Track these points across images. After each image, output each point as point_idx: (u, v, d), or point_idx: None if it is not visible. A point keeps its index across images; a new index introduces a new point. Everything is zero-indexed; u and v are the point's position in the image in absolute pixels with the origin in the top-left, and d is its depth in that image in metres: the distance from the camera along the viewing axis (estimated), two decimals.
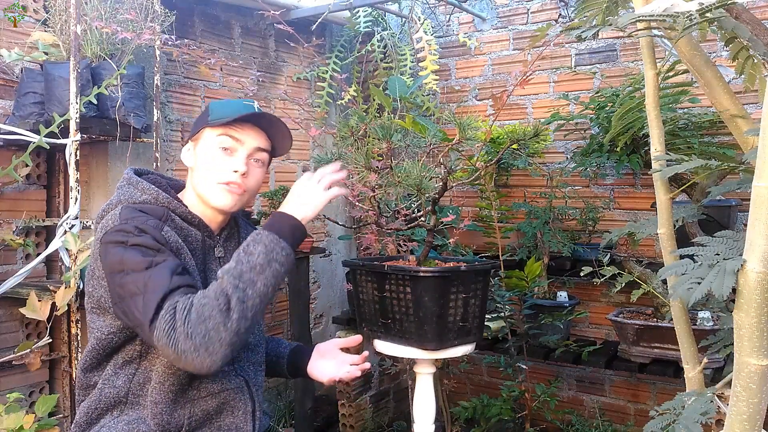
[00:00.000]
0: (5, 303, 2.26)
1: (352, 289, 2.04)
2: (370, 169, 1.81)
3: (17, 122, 2.18)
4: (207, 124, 1.39)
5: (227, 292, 1.17)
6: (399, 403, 3.30)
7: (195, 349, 1.13)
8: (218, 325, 1.14)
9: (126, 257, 1.22)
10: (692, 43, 1.10)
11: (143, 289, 1.19)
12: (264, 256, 1.22)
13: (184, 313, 1.14)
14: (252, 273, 1.20)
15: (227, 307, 1.15)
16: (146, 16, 2.35)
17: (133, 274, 1.21)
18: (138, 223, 1.26)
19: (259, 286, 1.20)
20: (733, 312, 0.83)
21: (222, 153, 1.37)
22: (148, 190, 1.36)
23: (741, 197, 2.50)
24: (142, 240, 1.23)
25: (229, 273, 1.20)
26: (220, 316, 1.14)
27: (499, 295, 2.59)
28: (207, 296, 1.17)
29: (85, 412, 1.34)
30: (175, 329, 1.13)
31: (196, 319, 1.13)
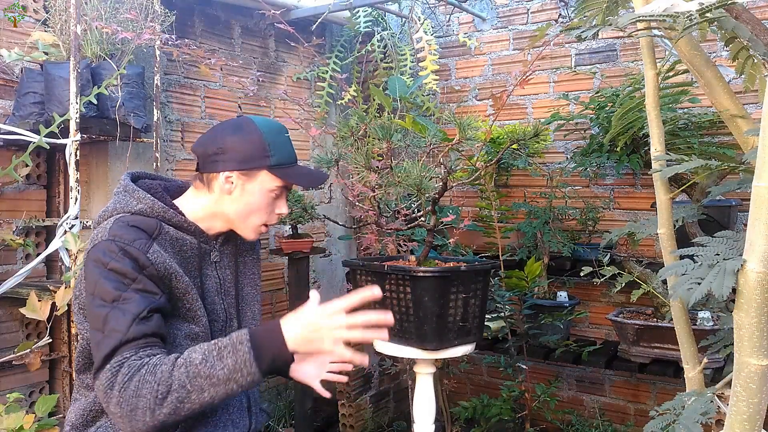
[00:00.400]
0: (5, 303, 2.26)
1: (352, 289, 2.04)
2: (370, 169, 1.81)
3: (17, 122, 2.18)
4: (269, 168, 1.35)
5: (171, 386, 1.12)
6: (399, 403, 3.30)
7: (121, 416, 1.13)
8: (147, 409, 1.12)
9: (99, 282, 1.21)
10: (692, 43, 1.10)
11: (102, 327, 1.18)
12: (227, 373, 1.14)
13: (125, 378, 1.13)
14: (206, 382, 1.13)
15: (163, 398, 1.12)
16: (146, 16, 2.35)
17: (99, 303, 1.20)
18: (125, 242, 1.23)
19: (205, 396, 1.14)
20: (733, 312, 0.83)
21: (273, 197, 1.39)
22: (143, 200, 1.33)
23: (741, 197, 2.50)
24: (121, 265, 1.21)
25: (187, 367, 1.14)
26: (153, 402, 1.12)
27: (499, 295, 2.59)
28: (154, 374, 1.13)
29: (81, 413, 1.33)
30: (112, 389, 1.13)
31: (132, 392, 1.12)
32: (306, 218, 2.60)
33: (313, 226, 3.30)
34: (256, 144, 1.34)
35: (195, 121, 2.85)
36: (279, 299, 3.24)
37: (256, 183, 1.36)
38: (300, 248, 2.72)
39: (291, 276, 2.80)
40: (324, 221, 3.38)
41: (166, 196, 1.39)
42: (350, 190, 2.18)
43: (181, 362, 1.15)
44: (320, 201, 3.51)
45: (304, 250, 2.73)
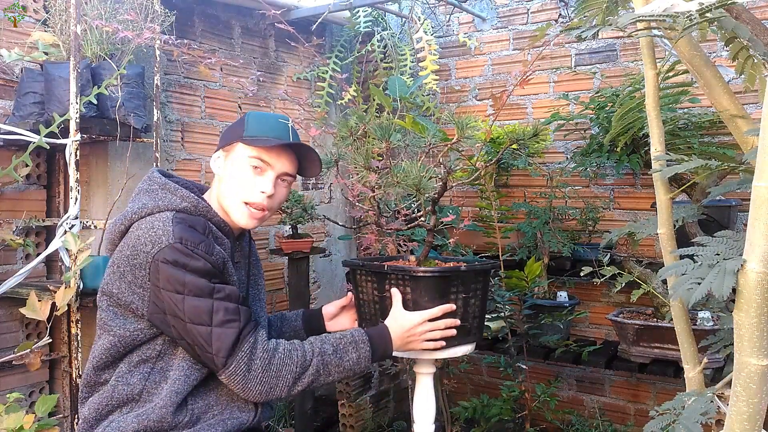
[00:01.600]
0: (5, 303, 2.26)
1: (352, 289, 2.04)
2: (370, 169, 1.81)
3: (17, 122, 2.18)
4: (241, 140, 1.40)
5: (308, 368, 1.34)
6: (399, 403, 3.30)
7: (260, 393, 1.31)
8: (286, 386, 1.32)
9: (187, 280, 1.26)
10: (692, 43, 1.10)
11: (210, 321, 1.26)
12: (351, 364, 1.40)
13: (265, 358, 1.30)
14: (334, 368, 1.38)
15: (299, 378, 1.33)
16: (146, 16, 2.35)
17: (196, 299, 1.26)
18: (193, 245, 1.28)
19: (330, 379, 1.38)
20: (733, 312, 0.83)
21: (252, 171, 1.41)
22: (187, 198, 1.37)
23: (741, 197, 2.50)
24: (201, 265, 1.28)
25: (321, 356, 1.36)
26: (292, 381, 1.33)
27: (499, 295, 2.59)
28: (291, 358, 1.33)
29: (96, 408, 1.34)
30: (250, 371, 1.29)
31: (275, 372, 1.31)
32: (306, 218, 2.60)
33: (313, 226, 3.30)
34: (238, 124, 1.45)
35: (195, 121, 2.85)
36: (279, 299, 3.24)
37: (233, 155, 1.43)
38: (300, 248, 2.72)
39: (291, 276, 2.80)
40: (324, 221, 3.38)
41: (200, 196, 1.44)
42: (350, 190, 2.18)
43: (316, 351, 1.36)
44: (320, 201, 3.51)
45: (304, 250, 2.73)
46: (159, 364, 1.34)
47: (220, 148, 1.47)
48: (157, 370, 1.33)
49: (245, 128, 1.41)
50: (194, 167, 2.85)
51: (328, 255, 3.27)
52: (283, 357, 1.32)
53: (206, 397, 1.37)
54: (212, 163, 1.47)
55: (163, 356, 1.34)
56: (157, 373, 1.33)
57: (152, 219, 1.31)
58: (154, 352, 1.34)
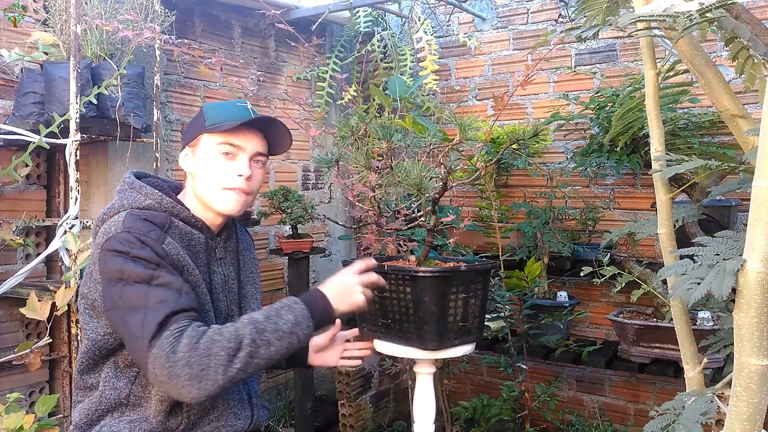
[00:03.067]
0: (5, 303, 2.26)
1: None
2: (370, 169, 1.81)
3: (17, 122, 2.18)
4: (205, 130, 1.38)
5: (242, 341, 1.18)
6: (399, 403, 3.30)
7: (189, 378, 1.14)
8: (220, 365, 1.15)
9: (126, 267, 1.22)
10: (693, 42, 1.10)
11: (144, 304, 1.19)
12: (290, 326, 1.25)
13: (192, 340, 1.15)
14: (273, 335, 1.22)
15: (235, 354, 1.17)
16: (146, 16, 2.35)
17: (134, 285, 1.21)
18: (140, 233, 1.25)
19: (272, 350, 1.22)
20: (733, 312, 0.83)
21: (224, 158, 1.37)
22: (151, 195, 1.35)
23: (741, 197, 2.50)
24: (144, 253, 1.23)
25: (253, 324, 1.22)
26: (226, 358, 1.16)
27: (499, 295, 2.59)
28: (221, 334, 1.18)
29: (86, 413, 1.34)
30: (176, 352, 1.14)
31: (203, 352, 1.15)
32: (306, 218, 2.60)
33: (313, 226, 3.30)
34: (197, 117, 1.42)
35: None
36: (279, 299, 3.24)
37: (201, 148, 1.39)
38: (300, 248, 2.71)
39: (291, 276, 2.80)
40: (324, 221, 3.38)
41: (170, 192, 1.42)
42: (350, 190, 2.18)
43: (246, 321, 1.23)
44: (320, 201, 3.51)
45: (304, 250, 2.73)
46: None
47: (185, 145, 1.44)
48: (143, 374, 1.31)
49: (206, 119, 1.38)
50: None
51: (328, 255, 3.27)
52: (212, 335, 1.17)
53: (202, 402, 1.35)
54: (181, 162, 1.44)
55: None
56: (143, 377, 1.31)
57: (115, 217, 1.31)
58: None
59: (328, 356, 1.71)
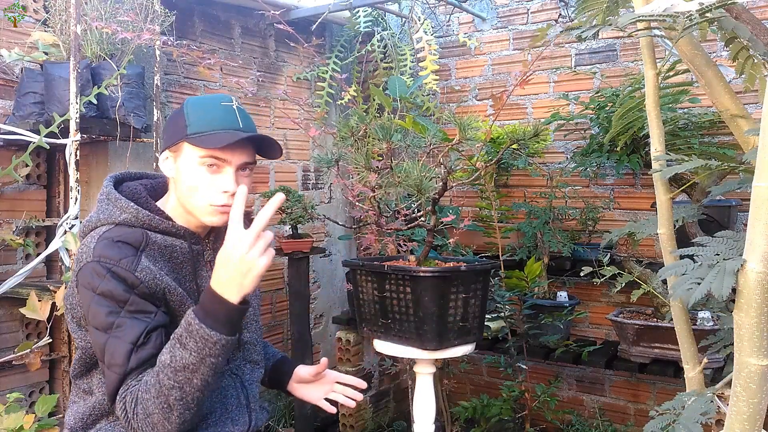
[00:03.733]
0: (5, 303, 2.26)
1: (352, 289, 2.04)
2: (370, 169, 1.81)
3: (17, 122, 2.18)
4: (186, 139, 1.26)
5: (165, 393, 1.14)
6: (399, 403, 3.30)
7: None
8: (162, 421, 1.15)
9: (92, 308, 1.21)
10: (693, 42, 1.10)
11: (102, 356, 1.21)
12: (196, 354, 1.13)
13: (132, 406, 1.17)
14: (186, 372, 1.13)
15: (168, 406, 1.14)
16: (146, 16, 2.35)
17: (95, 331, 1.21)
18: (111, 263, 1.20)
19: (196, 382, 1.15)
20: (733, 312, 0.83)
21: (207, 170, 1.27)
22: (127, 209, 1.28)
23: (741, 197, 2.50)
24: (110, 288, 1.19)
25: (164, 371, 1.14)
26: (162, 413, 1.14)
27: (499, 295, 2.59)
28: (148, 391, 1.16)
29: (80, 417, 1.33)
30: (127, 420, 1.18)
31: (143, 415, 1.16)
32: (306, 218, 2.60)
33: (313, 226, 3.30)
34: (177, 117, 1.30)
35: None
36: (279, 299, 3.24)
37: (182, 157, 1.28)
38: (300, 248, 2.71)
39: (291, 276, 2.80)
40: (324, 221, 3.38)
41: (149, 201, 1.35)
42: (350, 190, 2.18)
43: (158, 369, 1.16)
44: (320, 201, 3.51)
45: (303, 250, 2.73)
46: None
47: (165, 148, 1.32)
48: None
49: (187, 123, 1.26)
50: None
51: (328, 255, 3.27)
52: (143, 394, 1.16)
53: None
54: (162, 165, 1.33)
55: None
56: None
57: (88, 237, 1.28)
58: None
59: (312, 391, 1.60)
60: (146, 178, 1.45)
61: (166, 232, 1.31)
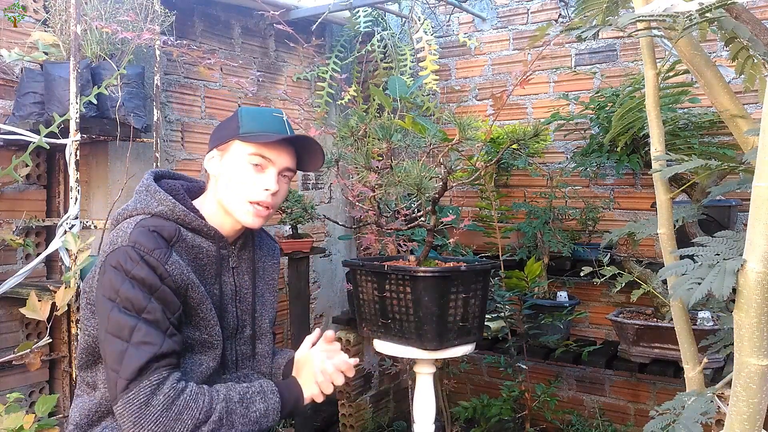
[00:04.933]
0: (5, 303, 2.26)
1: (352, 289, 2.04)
2: (370, 169, 1.81)
3: (17, 122, 2.18)
4: (239, 137, 1.35)
5: (210, 416, 1.21)
6: (399, 403, 3.30)
7: None
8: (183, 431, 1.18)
9: (123, 288, 1.20)
10: (693, 43, 1.10)
11: (129, 337, 1.18)
12: (258, 415, 1.28)
13: (168, 399, 1.17)
14: (239, 419, 1.25)
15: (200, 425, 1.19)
16: (146, 16, 2.35)
17: (124, 313, 1.20)
18: (144, 250, 1.22)
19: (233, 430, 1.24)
20: (733, 312, 0.83)
21: (253, 169, 1.35)
22: (164, 201, 1.32)
23: (741, 197, 2.50)
24: (144, 274, 1.21)
25: (226, 402, 1.24)
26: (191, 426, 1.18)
27: (499, 295, 2.59)
28: (196, 401, 1.20)
29: (86, 413, 1.33)
30: (149, 406, 1.15)
31: (174, 415, 1.17)
32: (306, 218, 2.60)
33: (313, 226, 3.30)
34: (231, 121, 1.39)
35: (195, 121, 2.85)
36: (279, 299, 3.23)
37: (230, 154, 1.36)
38: (300, 248, 2.72)
39: (291, 276, 2.80)
40: (324, 221, 3.38)
41: (187, 199, 1.39)
42: (350, 190, 2.18)
43: (222, 396, 1.25)
44: (320, 201, 3.51)
45: (304, 250, 2.73)
46: None
47: (213, 147, 1.40)
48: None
49: (240, 125, 1.35)
50: (194, 167, 2.85)
51: (328, 255, 3.27)
52: (188, 399, 1.19)
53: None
54: (206, 163, 1.40)
55: None
56: None
57: (124, 222, 1.30)
58: None
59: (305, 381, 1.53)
60: (184, 180, 1.48)
61: (197, 230, 1.34)
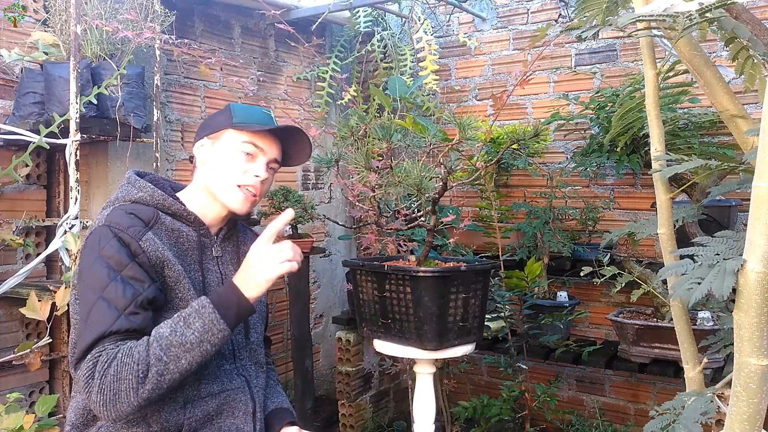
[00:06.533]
0: (5, 303, 2.26)
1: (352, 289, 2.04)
2: (370, 169, 1.81)
3: (17, 122, 2.18)
4: (232, 126, 1.41)
5: (149, 362, 1.17)
6: (399, 403, 3.30)
7: (104, 403, 1.16)
8: (130, 389, 1.16)
9: (92, 268, 1.24)
10: (692, 43, 1.10)
11: (87, 315, 1.21)
12: (198, 336, 1.20)
13: (104, 365, 1.17)
14: (180, 349, 1.18)
15: (144, 376, 1.16)
16: (146, 16, 2.35)
17: (88, 291, 1.23)
18: (119, 228, 1.26)
19: (183, 363, 1.19)
20: (733, 312, 0.83)
21: (244, 157, 1.40)
22: (144, 188, 1.37)
23: (741, 197, 2.50)
24: (114, 251, 1.24)
25: (159, 341, 1.19)
26: (135, 381, 1.16)
27: (499, 295, 2.59)
28: (131, 356, 1.17)
29: (81, 413, 1.32)
30: (92, 378, 1.17)
31: (112, 377, 1.16)
32: (306, 218, 2.60)
33: (313, 226, 3.30)
34: (222, 114, 1.45)
35: (195, 121, 2.85)
36: (279, 299, 3.24)
37: (222, 141, 1.41)
38: (300, 248, 2.71)
39: (291, 276, 2.80)
40: (324, 221, 3.38)
41: (167, 188, 1.43)
42: (350, 190, 2.18)
43: (152, 339, 1.20)
44: (320, 201, 3.51)
45: (303, 250, 2.72)
46: None
47: (204, 136, 1.45)
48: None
49: (233, 116, 1.42)
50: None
51: (328, 255, 3.27)
52: (123, 357, 1.17)
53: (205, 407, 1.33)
54: (197, 150, 1.45)
55: None
56: None
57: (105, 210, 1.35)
58: None
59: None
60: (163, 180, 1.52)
61: (176, 215, 1.38)
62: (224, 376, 1.37)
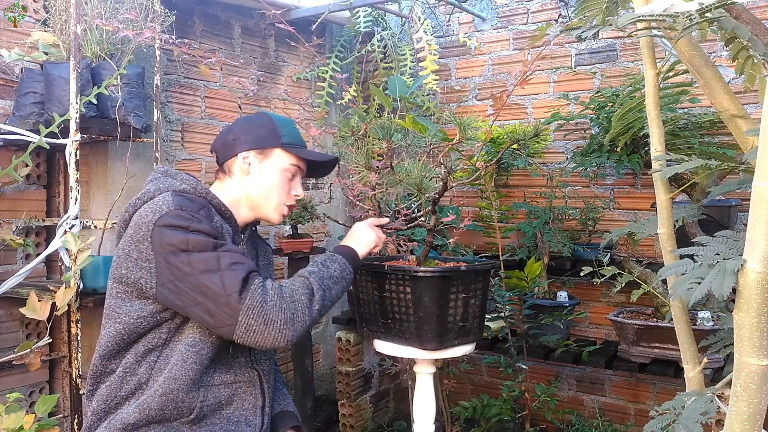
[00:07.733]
0: (5, 303, 2.26)
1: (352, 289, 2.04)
2: (370, 168, 1.81)
3: (17, 122, 2.18)
4: (282, 147, 1.49)
5: (313, 287, 1.37)
6: (399, 403, 3.30)
7: (285, 322, 1.28)
8: (305, 308, 1.33)
9: (190, 238, 1.28)
10: (692, 43, 1.10)
11: (217, 267, 1.27)
12: (339, 273, 1.46)
13: (276, 291, 1.30)
14: (330, 281, 1.42)
15: (312, 298, 1.35)
16: (146, 16, 2.35)
17: (203, 253, 1.28)
18: (192, 211, 1.31)
19: (334, 293, 1.42)
20: (733, 312, 0.83)
21: (287, 177, 1.51)
22: (187, 180, 1.42)
23: (741, 197, 2.50)
24: (202, 226, 1.30)
25: (313, 275, 1.40)
26: (307, 302, 1.34)
27: (499, 295, 2.59)
28: (295, 284, 1.36)
29: (105, 400, 1.33)
30: (267, 302, 1.27)
31: (289, 299, 1.31)
32: (306, 218, 2.60)
33: (313, 226, 3.30)
34: (268, 127, 1.50)
35: (195, 121, 2.85)
36: None
37: (271, 161, 1.49)
38: (300, 248, 2.71)
39: (291, 276, 2.80)
40: (324, 221, 3.38)
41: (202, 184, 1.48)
42: (350, 190, 2.18)
43: (306, 274, 1.41)
44: (320, 201, 3.51)
45: (304, 250, 2.73)
46: (165, 351, 1.33)
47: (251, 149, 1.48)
48: (163, 358, 1.32)
49: (281, 134, 1.49)
50: (194, 167, 2.86)
51: None
52: (290, 285, 1.35)
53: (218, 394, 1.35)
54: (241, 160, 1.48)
55: (169, 343, 1.33)
56: (162, 361, 1.32)
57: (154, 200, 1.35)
58: (160, 340, 1.32)
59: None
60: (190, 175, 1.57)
61: (217, 208, 1.43)
62: (238, 367, 1.40)
